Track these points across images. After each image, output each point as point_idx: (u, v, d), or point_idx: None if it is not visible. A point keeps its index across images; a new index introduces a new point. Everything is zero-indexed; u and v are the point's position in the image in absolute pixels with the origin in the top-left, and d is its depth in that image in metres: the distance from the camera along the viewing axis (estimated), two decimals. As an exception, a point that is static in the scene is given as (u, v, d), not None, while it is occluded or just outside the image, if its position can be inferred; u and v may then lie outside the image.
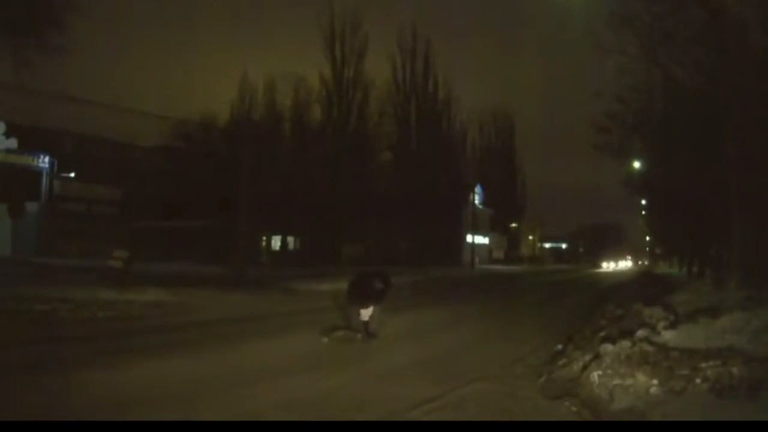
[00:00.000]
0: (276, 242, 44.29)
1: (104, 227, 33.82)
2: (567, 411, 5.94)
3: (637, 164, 24.60)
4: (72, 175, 36.96)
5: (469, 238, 53.50)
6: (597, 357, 7.50)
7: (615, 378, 6.37)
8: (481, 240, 60.02)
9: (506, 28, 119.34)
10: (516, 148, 72.26)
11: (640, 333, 8.64)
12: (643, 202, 39.44)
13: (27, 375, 6.85)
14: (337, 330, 10.23)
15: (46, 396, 5.99)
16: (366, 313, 9.95)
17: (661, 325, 9.43)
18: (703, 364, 6.26)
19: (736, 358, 6.41)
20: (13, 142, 32.28)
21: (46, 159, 34.80)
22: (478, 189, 59.20)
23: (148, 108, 36.40)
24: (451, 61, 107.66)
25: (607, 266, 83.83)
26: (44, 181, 34.91)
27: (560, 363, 8.26)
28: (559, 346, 9.84)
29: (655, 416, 5.37)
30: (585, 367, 7.24)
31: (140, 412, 5.48)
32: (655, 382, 6.07)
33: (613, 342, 8.15)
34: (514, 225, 75.73)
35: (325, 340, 9.87)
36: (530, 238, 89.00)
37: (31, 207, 34.66)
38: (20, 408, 5.48)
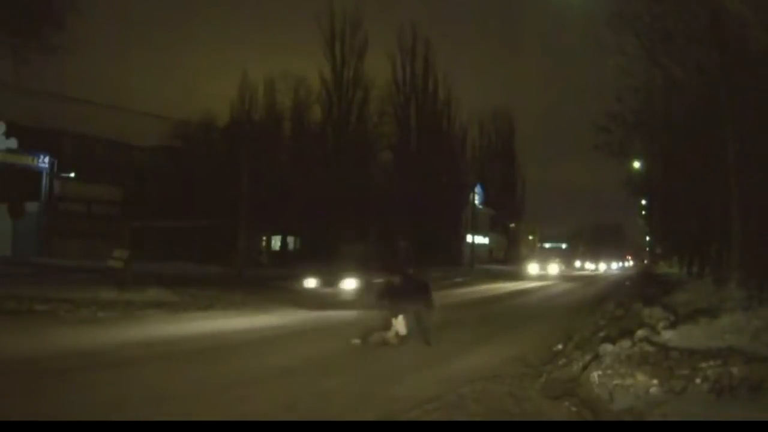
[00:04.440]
0: (276, 242, 44.26)
1: (104, 227, 33.73)
2: (567, 411, 5.92)
3: (637, 164, 24.60)
4: (72, 175, 36.92)
5: (469, 238, 53.44)
6: (597, 357, 7.50)
7: (615, 378, 6.37)
8: (481, 240, 59.96)
9: (506, 28, 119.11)
10: (516, 148, 72.13)
11: (640, 333, 8.63)
12: (643, 202, 39.49)
13: (26, 375, 6.85)
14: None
15: (46, 396, 5.99)
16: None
17: (661, 325, 9.43)
18: (703, 364, 6.25)
19: (736, 358, 6.40)
20: (13, 142, 32.20)
21: (46, 159, 34.73)
22: (478, 189, 59.04)
23: (148, 108, 36.53)
24: (451, 61, 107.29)
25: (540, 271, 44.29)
26: (44, 181, 34.84)
27: (560, 363, 8.26)
28: (559, 346, 9.83)
29: (655, 416, 5.36)
30: (585, 367, 7.24)
31: (140, 412, 5.47)
32: (655, 382, 6.06)
33: (613, 342, 8.15)
34: (514, 225, 75.62)
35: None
36: (530, 238, 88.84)
37: (31, 207, 34.61)
38: (20, 408, 5.47)
